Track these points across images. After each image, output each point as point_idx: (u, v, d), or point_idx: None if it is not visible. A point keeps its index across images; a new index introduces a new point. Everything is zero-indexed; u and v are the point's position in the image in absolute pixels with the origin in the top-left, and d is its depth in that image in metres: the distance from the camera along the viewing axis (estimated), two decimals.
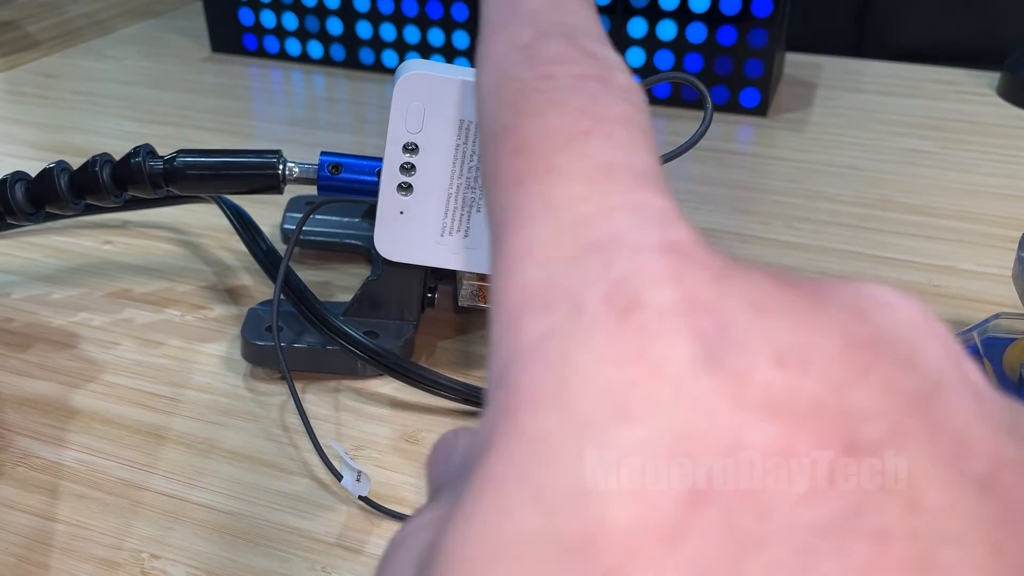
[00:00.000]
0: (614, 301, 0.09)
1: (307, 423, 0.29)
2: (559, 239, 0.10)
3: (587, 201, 0.10)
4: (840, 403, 0.09)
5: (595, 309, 0.09)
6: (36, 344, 0.35)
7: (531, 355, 0.09)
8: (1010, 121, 0.58)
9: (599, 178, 0.10)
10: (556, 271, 0.10)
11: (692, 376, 0.09)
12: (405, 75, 0.28)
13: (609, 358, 0.09)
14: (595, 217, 0.10)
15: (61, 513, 0.27)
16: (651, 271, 0.09)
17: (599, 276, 0.09)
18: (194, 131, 0.57)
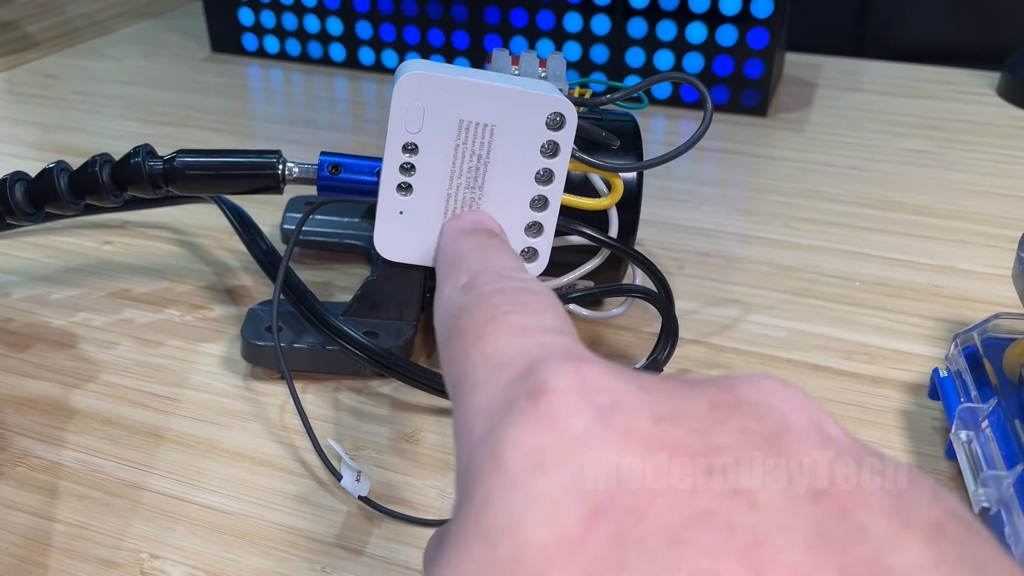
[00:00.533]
0: (531, 394, 0.13)
1: (307, 423, 0.29)
2: (493, 375, 0.14)
3: (508, 349, 0.15)
4: (701, 442, 0.12)
5: (519, 403, 0.13)
6: (36, 344, 0.35)
7: (478, 447, 0.13)
8: (1010, 121, 0.58)
9: (517, 334, 0.15)
10: (494, 392, 0.14)
11: (589, 434, 0.12)
12: (405, 75, 0.28)
13: (529, 431, 0.13)
14: (516, 357, 0.15)
15: (61, 513, 0.27)
16: (557, 368, 0.13)
17: (522, 385, 0.14)
18: (194, 131, 0.57)
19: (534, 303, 0.16)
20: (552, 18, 0.59)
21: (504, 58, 0.33)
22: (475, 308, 0.16)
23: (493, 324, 0.16)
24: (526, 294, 0.17)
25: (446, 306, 0.17)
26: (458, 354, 0.16)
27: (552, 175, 0.29)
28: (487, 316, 0.16)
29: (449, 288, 0.18)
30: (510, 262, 0.19)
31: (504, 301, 0.16)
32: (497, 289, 0.17)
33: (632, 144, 0.34)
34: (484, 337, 0.15)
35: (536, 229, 0.30)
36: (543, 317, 0.16)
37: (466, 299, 0.17)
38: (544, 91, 0.29)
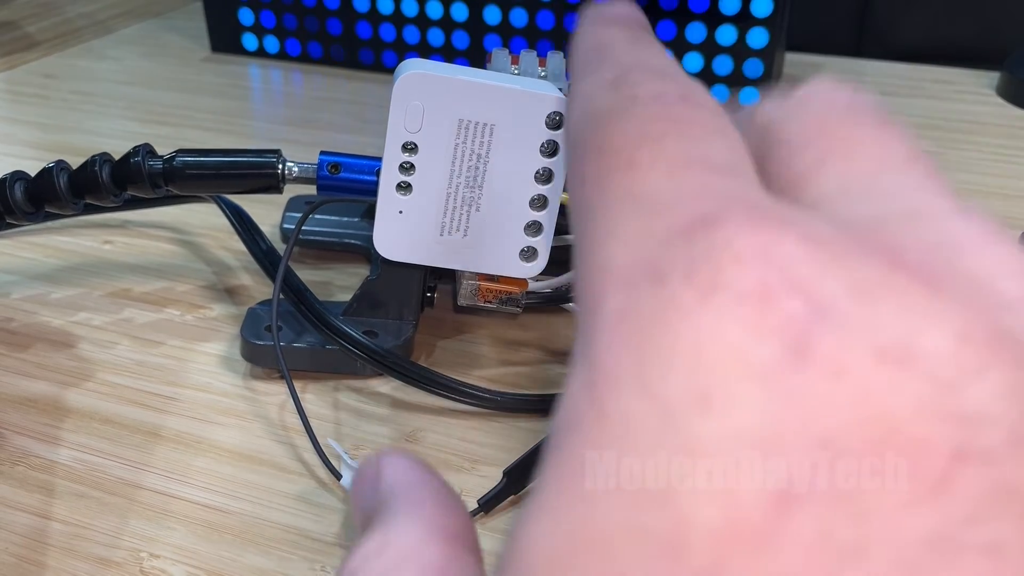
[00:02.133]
0: (695, 280, 0.09)
1: (306, 422, 0.29)
2: (642, 223, 0.10)
3: (667, 189, 0.10)
4: (949, 405, 0.08)
5: (675, 287, 0.09)
6: (35, 344, 0.35)
7: (612, 331, 0.09)
8: (1010, 121, 0.58)
9: (678, 169, 0.10)
10: (639, 251, 0.10)
11: (778, 368, 0.08)
12: (404, 74, 0.28)
13: (690, 342, 0.09)
14: (677, 202, 0.10)
15: (60, 512, 0.27)
16: (736, 248, 0.09)
17: (681, 254, 0.09)
18: (194, 131, 0.57)
19: (700, 121, 0.11)
20: (552, 18, 0.59)
21: (504, 57, 0.33)
22: (625, 115, 0.12)
23: (647, 148, 0.11)
24: (691, 106, 0.12)
25: (584, 104, 0.13)
26: (594, 177, 0.11)
27: (552, 174, 0.29)
28: (639, 134, 0.11)
29: (589, 81, 0.13)
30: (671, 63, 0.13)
31: (662, 114, 0.11)
32: (658, 95, 0.12)
33: None
34: (635, 166, 0.11)
35: (536, 228, 0.30)
36: (711, 144, 0.11)
37: (614, 99, 0.12)
38: (544, 90, 0.29)
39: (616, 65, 0.13)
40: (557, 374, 0.34)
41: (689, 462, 0.08)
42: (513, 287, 0.32)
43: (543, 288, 0.33)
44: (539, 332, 0.36)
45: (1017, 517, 0.08)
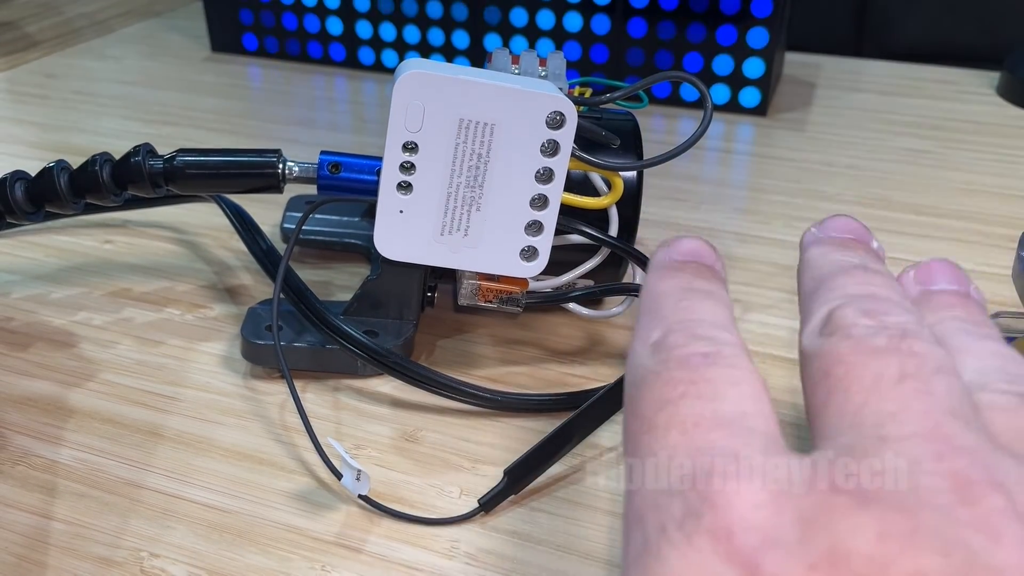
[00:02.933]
0: (685, 527, 0.12)
1: (307, 422, 0.29)
2: (655, 479, 0.14)
3: (676, 450, 0.14)
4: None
5: (672, 533, 0.13)
6: (36, 343, 0.35)
7: (629, 567, 0.13)
8: (1010, 121, 0.58)
9: (687, 430, 0.14)
10: (652, 501, 0.13)
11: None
12: (405, 74, 0.28)
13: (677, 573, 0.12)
14: (681, 463, 0.13)
15: (60, 512, 0.27)
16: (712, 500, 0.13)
17: (679, 507, 0.13)
18: (194, 131, 0.57)
19: (718, 380, 0.15)
20: (552, 18, 0.59)
21: (504, 57, 0.33)
22: (655, 382, 0.15)
23: (665, 412, 0.14)
24: (715, 367, 0.15)
25: (631, 367, 0.16)
26: (630, 438, 0.15)
27: (552, 174, 0.29)
28: (662, 399, 0.14)
29: (639, 343, 0.16)
30: (713, 313, 0.16)
31: (684, 378, 0.15)
32: (684, 359, 0.15)
33: (632, 143, 0.34)
34: (655, 429, 0.14)
35: (536, 228, 0.30)
36: (722, 400, 0.14)
37: (651, 365, 0.15)
38: (544, 90, 0.29)
39: (661, 324, 0.16)
40: (557, 374, 0.34)
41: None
42: (513, 287, 0.32)
43: (543, 288, 0.33)
44: (539, 332, 0.36)
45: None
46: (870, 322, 0.15)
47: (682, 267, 0.18)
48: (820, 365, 0.15)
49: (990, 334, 0.17)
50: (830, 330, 0.15)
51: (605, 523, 0.27)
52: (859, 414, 0.14)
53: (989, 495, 0.12)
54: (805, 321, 0.17)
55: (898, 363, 0.14)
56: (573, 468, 0.29)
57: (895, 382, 0.14)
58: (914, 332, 0.15)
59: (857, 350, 0.15)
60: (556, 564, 0.26)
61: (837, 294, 0.16)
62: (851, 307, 0.16)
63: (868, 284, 0.17)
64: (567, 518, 0.27)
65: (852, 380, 0.14)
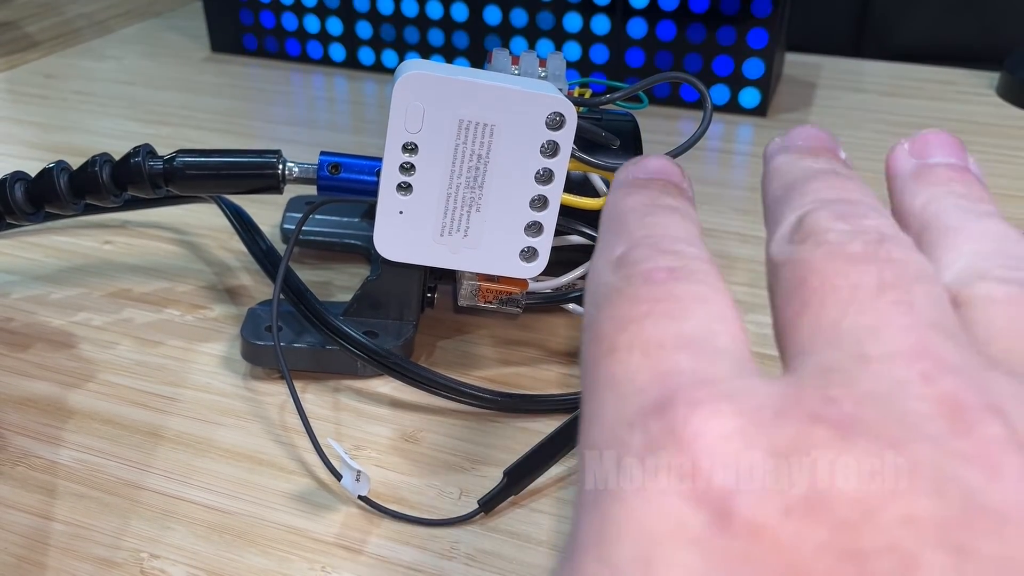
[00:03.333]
0: (645, 463, 0.11)
1: (306, 423, 0.29)
2: (615, 407, 0.12)
3: (639, 373, 0.12)
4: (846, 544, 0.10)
5: (631, 470, 0.11)
6: (36, 344, 0.35)
7: (585, 509, 0.12)
8: (1010, 121, 0.58)
9: (651, 352, 0.13)
10: (612, 433, 0.12)
11: (706, 533, 0.10)
12: (405, 75, 0.28)
13: (637, 516, 0.11)
14: (645, 388, 0.12)
15: (60, 513, 0.27)
16: (677, 433, 0.11)
17: (639, 439, 0.11)
18: (194, 131, 0.57)
19: (683, 297, 0.13)
20: (552, 18, 0.59)
21: (504, 58, 0.33)
22: (616, 299, 0.14)
23: (627, 333, 0.13)
24: (680, 282, 0.14)
25: (592, 285, 0.15)
26: (588, 363, 0.13)
27: (552, 175, 0.29)
28: (624, 319, 0.13)
29: (601, 259, 0.15)
30: (679, 228, 0.15)
31: (648, 295, 0.13)
32: (647, 273, 0.14)
33: (632, 144, 0.34)
34: (615, 351, 0.13)
35: (536, 229, 0.30)
36: (686, 319, 0.13)
37: (612, 282, 0.14)
38: (544, 91, 0.29)
39: (624, 240, 0.15)
40: (557, 374, 0.34)
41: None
42: (513, 287, 0.32)
43: (543, 288, 0.33)
44: (539, 332, 0.36)
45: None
46: (845, 226, 0.14)
47: (647, 184, 0.17)
48: (791, 274, 0.14)
49: (989, 211, 0.15)
50: (802, 236, 0.14)
51: None
52: (836, 329, 0.12)
53: (985, 422, 0.11)
54: (773, 228, 0.15)
55: (876, 271, 0.13)
56: (573, 469, 0.29)
57: (874, 292, 0.13)
58: (892, 236, 0.14)
59: (832, 257, 0.13)
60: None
61: (809, 199, 0.15)
62: (824, 211, 0.14)
63: (841, 189, 0.15)
64: (567, 519, 0.27)
65: (827, 291, 0.13)
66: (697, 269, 0.14)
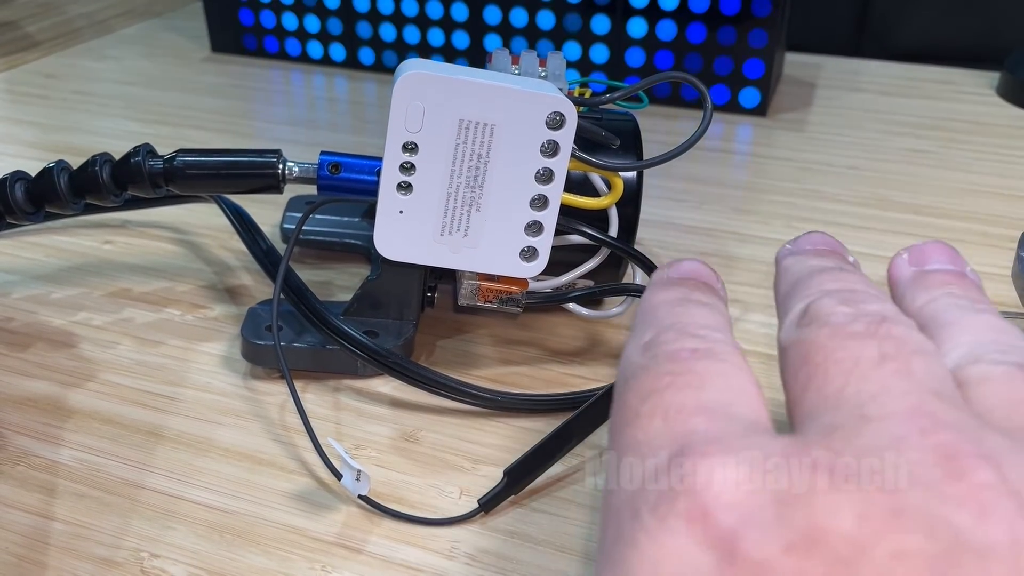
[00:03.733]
0: (658, 511, 0.12)
1: (307, 422, 0.29)
2: (636, 465, 0.13)
3: (659, 436, 0.14)
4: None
5: (645, 519, 0.12)
6: (36, 343, 0.35)
7: (605, 555, 0.13)
8: (1010, 121, 0.58)
9: (670, 417, 0.14)
10: (630, 491, 0.13)
11: (714, 571, 0.11)
12: (405, 74, 0.28)
13: (650, 559, 0.12)
14: (663, 448, 0.13)
15: (60, 512, 0.27)
16: (687, 481, 0.12)
17: (654, 491, 0.13)
18: (194, 131, 0.57)
19: (704, 372, 0.15)
20: (552, 18, 0.59)
21: (504, 58, 0.33)
22: (642, 376, 0.15)
23: (650, 402, 0.14)
24: (702, 360, 0.15)
25: (622, 366, 0.16)
26: (614, 430, 0.15)
27: (552, 174, 0.29)
28: (647, 389, 0.14)
29: (632, 345, 0.16)
30: (707, 318, 0.16)
31: (672, 369, 0.15)
32: (672, 353, 0.15)
33: (632, 143, 0.34)
34: (638, 418, 0.14)
35: (536, 228, 0.30)
36: (704, 392, 0.14)
37: (640, 361, 0.15)
38: (544, 90, 0.29)
39: (653, 328, 0.16)
40: (557, 374, 0.34)
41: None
42: (513, 287, 0.32)
43: (543, 288, 0.33)
44: (539, 332, 0.36)
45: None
46: (848, 309, 0.15)
47: (680, 282, 0.18)
48: (798, 353, 0.15)
49: (986, 308, 0.17)
50: (807, 320, 0.15)
51: None
52: (840, 396, 0.13)
53: (977, 469, 0.11)
54: (782, 318, 0.17)
55: (877, 345, 0.14)
56: (573, 468, 0.29)
57: (875, 364, 0.14)
58: (892, 318, 0.15)
59: (836, 335, 0.14)
60: (556, 564, 0.26)
61: (814, 290, 0.16)
62: (829, 298, 0.16)
63: (844, 281, 0.17)
64: (567, 518, 0.27)
65: (831, 364, 0.14)
66: (720, 350, 0.15)
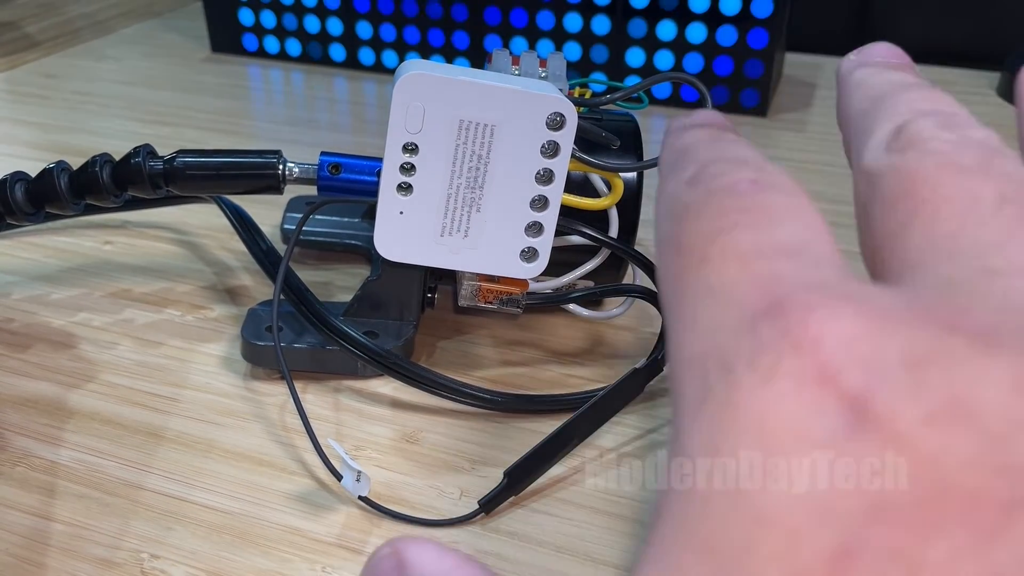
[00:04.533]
0: (757, 368, 0.10)
1: (307, 423, 0.29)
2: (714, 315, 0.11)
3: (738, 280, 0.11)
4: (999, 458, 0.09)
5: (741, 375, 0.10)
6: (36, 344, 0.35)
7: (691, 418, 0.10)
8: (1010, 121, 0.57)
9: (748, 259, 0.11)
10: (711, 342, 0.11)
11: (833, 439, 0.09)
12: (405, 75, 0.28)
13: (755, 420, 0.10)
14: (746, 292, 0.11)
15: (60, 513, 0.27)
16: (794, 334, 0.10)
17: (746, 344, 0.10)
18: (194, 131, 0.57)
19: (771, 205, 0.12)
20: (552, 18, 0.59)
21: (504, 58, 0.33)
22: (701, 212, 0.13)
23: (719, 243, 0.12)
24: (763, 190, 0.13)
25: (667, 203, 0.14)
26: (675, 275, 0.12)
27: (552, 175, 0.29)
28: (713, 228, 0.12)
29: (672, 182, 0.14)
30: (749, 152, 0.14)
31: (736, 205, 0.12)
32: (730, 186, 0.13)
33: (632, 144, 0.34)
34: (708, 261, 0.12)
35: (536, 229, 0.30)
36: (781, 228, 0.12)
37: (691, 196, 0.13)
38: (544, 91, 0.29)
39: (695, 162, 0.14)
40: (557, 375, 0.34)
41: (757, 530, 0.09)
42: (513, 288, 0.32)
43: (543, 288, 0.33)
44: (539, 332, 0.36)
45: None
46: (952, 135, 0.13)
47: (703, 124, 0.16)
48: (896, 183, 0.13)
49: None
50: (903, 144, 0.13)
51: (605, 524, 0.27)
52: (955, 241, 0.11)
53: None
54: (864, 139, 0.14)
55: (994, 185, 0.12)
56: (573, 469, 0.29)
57: (995, 206, 0.11)
58: (1003, 151, 0.13)
59: (943, 166, 0.12)
60: (556, 565, 0.26)
61: (903, 108, 0.14)
62: (926, 119, 0.13)
63: (936, 101, 0.14)
64: (567, 519, 0.27)
65: (941, 202, 0.12)
66: (781, 181, 0.13)
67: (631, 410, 0.31)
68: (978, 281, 0.11)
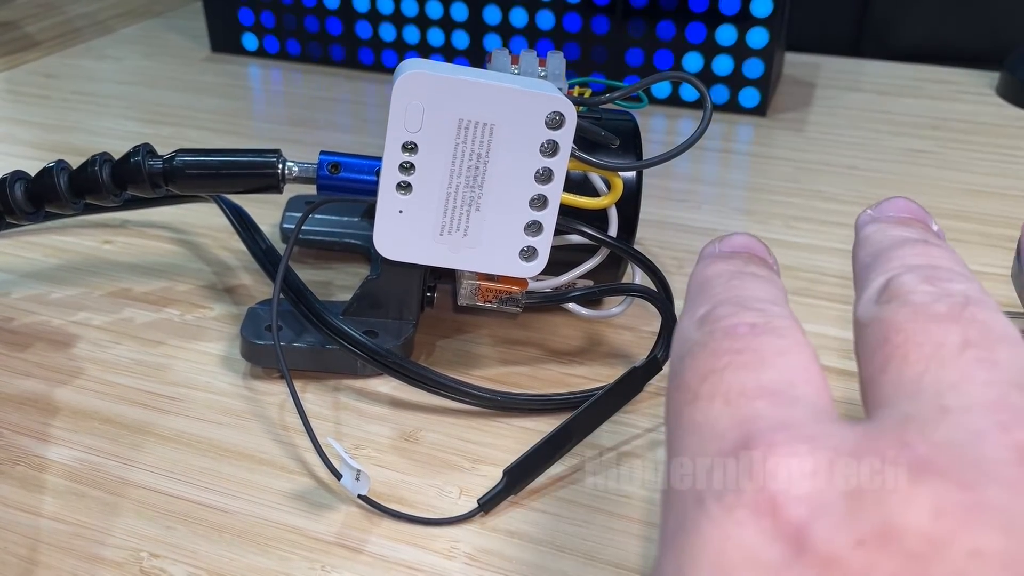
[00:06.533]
0: (724, 500, 0.12)
1: (306, 422, 0.29)
2: (697, 451, 0.13)
3: (720, 419, 0.13)
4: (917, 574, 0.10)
5: (710, 506, 0.12)
6: (36, 343, 0.35)
7: (667, 544, 0.12)
8: (1010, 121, 0.58)
9: (732, 399, 0.13)
10: (691, 476, 0.13)
11: (781, 563, 0.11)
12: (404, 74, 0.28)
13: (715, 548, 0.11)
14: (726, 432, 0.13)
15: (60, 512, 0.27)
16: (755, 471, 0.12)
17: (719, 476, 0.12)
18: (194, 131, 0.57)
19: (764, 349, 0.14)
20: (552, 18, 0.59)
21: (504, 57, 0.33)
22: (700, 352, 0.14)
23: (709, 382, 0.14)
24: (761, 336, 0.14)
25: (677, 342, 0.15)
26: (672, 410, 0.14)
27: (552, 174, 0.29)
28: (706, 369, 0.14)
29: (686, 319, 0.16)
30: (763, 291, 0.16)
31: (730, 347, 0.14)
32: (730, 328, 0.14)
33: (631, 143, 0.34)
34: (698, 399, 0.14)
35: (536, 228, 0.30)
36: (766, 370, 0.14)
37: (696, 337, 0.15)
38: (543, 90, 0.29)
39: (709, 301, 0.16)
40: (557, 374, 0.34)
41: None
42: (513, 287, 0.32)
43: (543, 288, 0.33)
44: (539, 332, 0.36)
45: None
46: (930, 288, 0.14)
47: (732, 256, 0.17)
48: (877, 332, 0.14)
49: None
50: (887, 297, 0.15)
51: (604, 523, 0.27)
52: (918, 383, 0.13)
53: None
54: (861, 291, 0.16)
55: (960, 331, 0.13)
56: (573, 468, 0.29)
57: (957, 350, 0.13)
58: (977, 299, 0.14)
59: (916, 317, 0.14)
60: (556, 564, 0.26)
61: (896, 264, 0.15)
62: (911, 274, 0.15)
63: (929, 256, 0.16)
64: (567, 518, 0.27)
65: (911, 347, 0.13)
66: (780, 325, 0.15)
67: (630, 409, 0.31)
68: (930, 417, 0.12)
